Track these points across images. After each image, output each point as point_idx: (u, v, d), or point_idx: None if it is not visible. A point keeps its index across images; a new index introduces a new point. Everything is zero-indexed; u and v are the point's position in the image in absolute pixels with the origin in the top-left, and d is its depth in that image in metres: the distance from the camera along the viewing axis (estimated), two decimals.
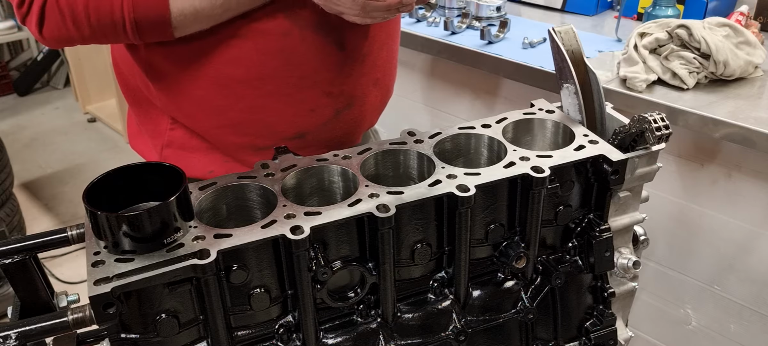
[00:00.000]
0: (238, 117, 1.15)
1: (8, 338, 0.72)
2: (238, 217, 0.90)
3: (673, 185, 1.67)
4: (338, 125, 1.21)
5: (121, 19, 1.02)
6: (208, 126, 1.17)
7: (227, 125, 1.16)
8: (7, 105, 4.87)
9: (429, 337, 0.92)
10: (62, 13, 1.02)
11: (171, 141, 1.21)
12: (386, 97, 1.34)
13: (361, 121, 1.27)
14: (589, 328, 1.02)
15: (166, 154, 1.22)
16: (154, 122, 1.22)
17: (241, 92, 1.13)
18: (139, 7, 1.02)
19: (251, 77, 1.12)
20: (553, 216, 0.95)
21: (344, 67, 1.17)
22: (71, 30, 1.04)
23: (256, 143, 1.18)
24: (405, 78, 2.19)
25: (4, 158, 2.87)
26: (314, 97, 1.16)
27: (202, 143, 1.19)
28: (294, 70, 1.13)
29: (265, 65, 1.11)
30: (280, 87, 1.13)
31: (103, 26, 1.03)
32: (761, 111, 1.46)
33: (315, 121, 1.18)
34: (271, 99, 1.14)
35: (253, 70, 1.11)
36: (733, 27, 1.58)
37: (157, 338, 0.77)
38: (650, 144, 0.93)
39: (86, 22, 1.02)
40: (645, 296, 1.85)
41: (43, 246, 0.83)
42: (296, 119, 1.16)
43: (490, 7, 2.04)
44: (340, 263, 0.84)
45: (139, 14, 1.02)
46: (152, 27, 1.04)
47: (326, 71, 1.15)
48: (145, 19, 1.03)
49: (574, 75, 1.00)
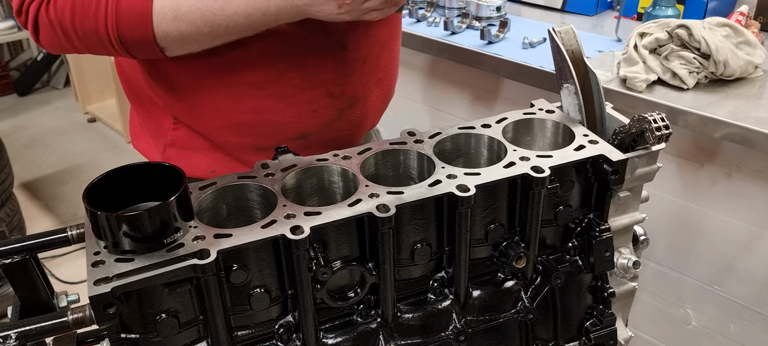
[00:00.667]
0: (241, 118, 1.15)
1: (8, 338, 0.72)
2: (238, 217, 0.90)
3: (673, 185, 1.67)
4: (341, 126, 1.22)
5: (107, 36, 1.01)
6: (211, 127, 1.17)
7: (230, 126, 1.16)
8: (7, 105, 4.87)
9: (429, 337, 0.92)
10: (53, 26, 1.02)
11: (174, 141, 1.21)
12: (388, 97, 1.34)
13: (364, 121, 1.27)
14: (589, 328, 1.02)
15: (169, 154, 1.22)
16: (157, 122, 1.22)
17: (244, 93, 1.13)
18: (122, 27, 1.01)
19: (255, 79, 1.12)
20: (553, 216, 0.95)
21: (346, 67, 1.17)
22: (63, 41, 1.04)
23: (258, 144, 1.18)
24: (405, 78, 2.19)
25: (4, 158, 2.87)
26: (317, 98, 1.16)
27: (204, 143, 1.20)
28: (297, 72, 1.13)
29: (269, 67, 1.11)
30: (283, 88, 1.13)
31: (91, 41, 1.03)
32: (761, 111, 1.46)
33: (317, 122, 1.18)
34: (275, 100, 1.14)
35: (257, 72, 1.11)
36: (733, 27, 1.58)
37: (157, 338, 0.77)
38: (650, 144, 0.93)
39: (75, 35, 1.02)
40: (645, 296, 1.85)
41: (43, 246, 0.83)
42: (299, 120, 1.17)
43: (490, 7, 2.04)
44: (340, 263, 0.84)
45: (122, 33, 1.01)
46: (139, 46, 1.03)
47: (329, 72, 1.15)
48: (130, 39, 1.02)
49: (574, 75, 1.00)
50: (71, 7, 1.00)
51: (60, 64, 5.06)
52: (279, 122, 1.16)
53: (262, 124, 1.16)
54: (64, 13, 1.00)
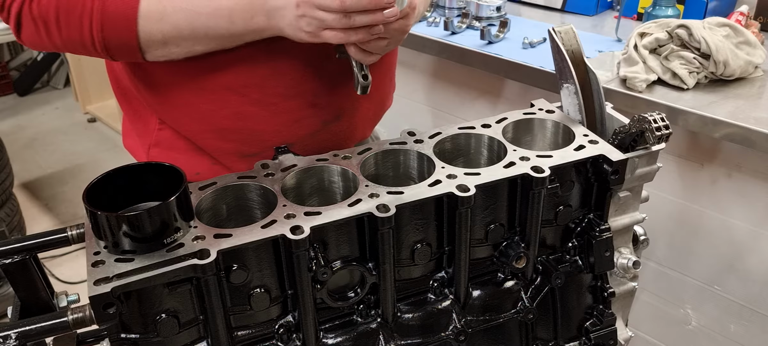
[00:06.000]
0: (224, 123, 1.14)
1: (8, 338, 0.72)
2: (238, 217, 0.90)
3: (673, 185, 1.67)
4: (326, 137, 1.19)
5: (90, 37, 1.01)
6: (194, 130, 1.16)
7: (213, 130, 1.15)
8: (7, 105, 4.87)
9: (429, 337, 0.92)
10: (36, 24, 1.01)
11: (158, 141, 1.20)
12: (381, 109, 1.32)
13: (352, 133, 1.24)
14: (589, 328, 1.02)
15: (154, 154, 1.21)
16: (143, 121, 1.22)
17: (226, 99, 1.12)
18: (107, 29, 1.00)
19: (237, 84, 1.10)
20: (553, 216, 0.95)
21: (331, 78, 1.15)
22: (46, 40, 1.03)
23: (242, 150, 1.16)
24: (405, 78, 2.20)
25: (4, 158, 2.87)
26: (299, 108, 1.14)
27: (188, 145, 1.19)
28: (280, 80, 1.11)
29: (251, 73, 1.10)
30: (265, 95, 1.12)
31: (73, 41, 1.02)
32: (761, 111, 1.46)
33: (300, 132, 1.16)
34: (257, 107, 1.12)
35: (240, 78, 1.10)
36: (733, 27, 1.58)
37: (157, 338, 0.77)
38: (650, 144, 0.93)
39: (58, 34, 1.02)
40: (645, 296, 1.85)
41: (43, 246, 0.83)
42: (281, 129, 1.15)
43: (490, 7, 2.04)
44: (340, 263, 0.84)
45: (107, 35, 1.01)
46: (121, 48, 1.03)
47: (312, 82, 1.13)
48: (114, 41, 1.01)
49: (574, 75, 1.00)
50: (56, 5, 1.00)
51: (60, 64, 5.06)
52: (261, 130, 1.14)
53: (245, 130, 1.14)
54: (48, 12, 1.00)
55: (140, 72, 1.14)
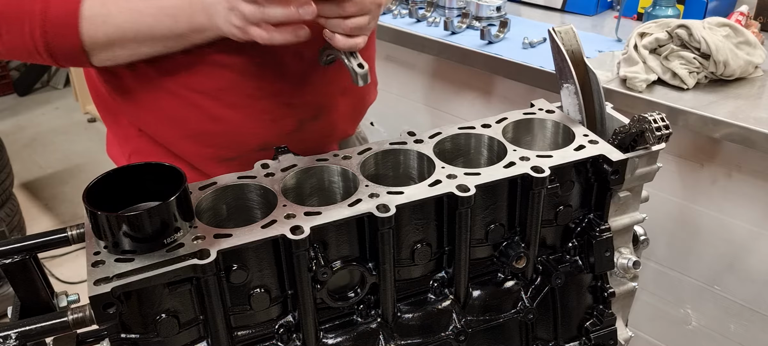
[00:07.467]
0: (199, 128, 1.13)
1: (8, 338, 0.72)
2: (238, 217, 0.90)
3: (673, 185, 1.67)
4: (305, 136, 1.18)
5: (33, 44, 0.99)
6: (170, 137, 1.15)
7: (189, 136, 1.14)
8: (7, 105, 4.87)
9: (429, 337, 0.92)
10: None
11: (137, 149, 1.19)
12: (361, 106, 1.30)
13: (332, 131, 1.23)
14: (589, 328, 1.02)
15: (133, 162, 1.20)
16: (123, 129, 1.21)
17: (198, 103, 1.10)
18: (50, 33, 0.98)
19: (208, 88, 1.09)
20: (553, 216, 0.95)
21: (304, 76, 1.14)
22: None
23: (220, 155, 1.15)
24: (405, 78, 2.19)
25: (4, 158, 2.87)
26: (274, 108, 1.13)
27: (166, 153, 1.18)
28: (251, 80, 1.10)
29: (221, 76, 1.09)
30: (238, 98, 1.11)
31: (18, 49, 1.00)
32: (761, 111, 1.46)
33: (277, 132, 1.15)
34: (231, 110, 1.11)
35: (210, 81, 1.09)
36: (733, 27, 1.58)
37: (157, 338, 0.77)
38: (650, 144, 0.93)
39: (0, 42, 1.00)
40: (645, 296, 1.85)
41: (43, 246, 0.83)
42: (258, 130, 1.14)
43: (490, 7, 2.04)
44: (340, 263, 0.84)
45: (50, 40, 0.99)
46: (66, 54, 1.01)
47: (284, 81, 1.12)
48: (58, 46, 0.99)
49: (574, 75, 1.00)
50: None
51: None
52: (238, 132, 1.13)
53: (221, 134, 1.13)
54: None
55: (113, 79, 1.13)
